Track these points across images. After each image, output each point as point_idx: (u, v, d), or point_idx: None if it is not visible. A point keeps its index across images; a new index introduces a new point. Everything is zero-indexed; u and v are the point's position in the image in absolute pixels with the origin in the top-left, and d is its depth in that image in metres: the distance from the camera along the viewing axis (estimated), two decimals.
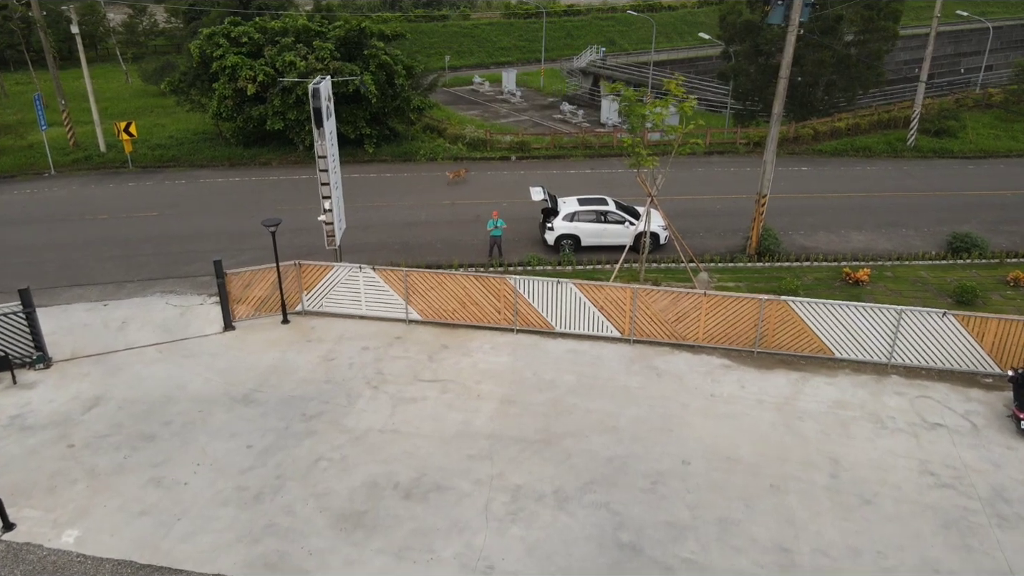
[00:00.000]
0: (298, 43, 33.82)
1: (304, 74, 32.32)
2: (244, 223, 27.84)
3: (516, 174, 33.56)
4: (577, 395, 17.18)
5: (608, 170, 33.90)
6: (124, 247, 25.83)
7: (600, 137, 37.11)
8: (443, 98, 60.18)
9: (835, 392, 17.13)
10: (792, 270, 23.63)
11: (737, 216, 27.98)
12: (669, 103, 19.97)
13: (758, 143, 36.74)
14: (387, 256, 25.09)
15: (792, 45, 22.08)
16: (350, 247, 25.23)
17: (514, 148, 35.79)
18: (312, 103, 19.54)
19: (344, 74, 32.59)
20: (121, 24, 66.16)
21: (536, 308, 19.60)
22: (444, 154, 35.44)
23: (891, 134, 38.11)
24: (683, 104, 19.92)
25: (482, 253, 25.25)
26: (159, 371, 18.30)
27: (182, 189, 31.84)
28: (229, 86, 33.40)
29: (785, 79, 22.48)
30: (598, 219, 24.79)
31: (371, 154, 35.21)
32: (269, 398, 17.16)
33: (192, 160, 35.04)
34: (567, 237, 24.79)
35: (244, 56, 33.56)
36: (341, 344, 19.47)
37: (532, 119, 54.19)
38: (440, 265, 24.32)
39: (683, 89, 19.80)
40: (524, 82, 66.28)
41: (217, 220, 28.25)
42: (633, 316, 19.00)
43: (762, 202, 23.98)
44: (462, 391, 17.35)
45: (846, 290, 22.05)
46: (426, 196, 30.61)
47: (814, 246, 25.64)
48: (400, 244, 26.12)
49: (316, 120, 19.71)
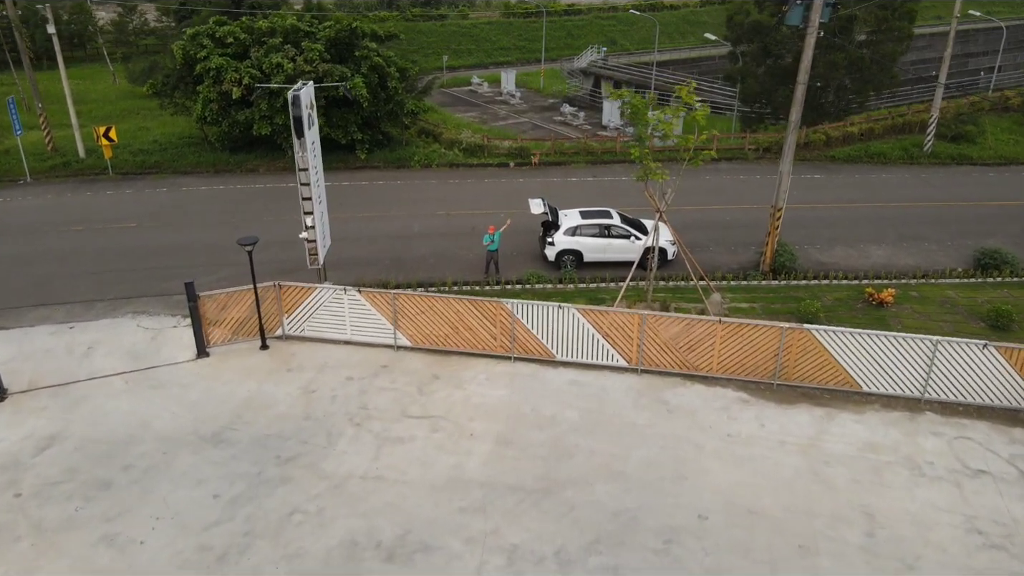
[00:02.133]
0: (286, 44, 32.23)
1: (292, 76, 30.71)
2: (226, 235, 26.21)
3: (514, 182, 31.98)
4: (580, 434, 15.62)
5: (611, 178, 32.32)
6: (97, 262, 24.25)
7: (603, 143, 35.53)
8: (441, 99, 58.65)
9: (865, 432, 15.56)
10: (810, 289, 22.05)
11: (749, 228, 26.41)
12: (680, 111, 18.39)
13: (767, 148, 35.20)
14: (377, 272, 23.54)
15: (811, 48, 20.50)
16: (337, 262, 23.67)
17: (513, 154, 34.20)
18: (292, 111, 17.97)
19: (334, 76, 31.01)
20: (110, 23, 64.52)
21: (535, 334, 18.03)
22: (439, 160, 33.86)
23: (906, 139, 36.53)
24: (695, 113, 18.35)
25: (478, 268, 23.68)
26: (124, 405, 16.73)
27: (163, 198, 30.25)
28: (214, 89, 31.82)
29: (803, 85, 20.91)
30: (602, 233, 23.21)
31: (363, 160, 33.63)
32: (241, 437, 15.59)
33: (175, 166, 33.45)
34: (569, 253, 23.21)
35: (229, 58, 31.97)
36: (323, 374, 17.90)
37: (532, 121, 52.66)
38: (433, 283, 22.77)
39: (695, 97, 18.22)
40: (524, 83, 64.71)
41: (198, 232, 26.67)
42: (641, 344, 17.43)
43: (777, 215, 22.41)
44: (454, 430, 15.78)
45: (869, 312, 20.48)
46: (420, 206, 29.04)
47: (832, 262, 24.07)
48: (391, 259, 24.54)
49: (296, 130, 18.13)
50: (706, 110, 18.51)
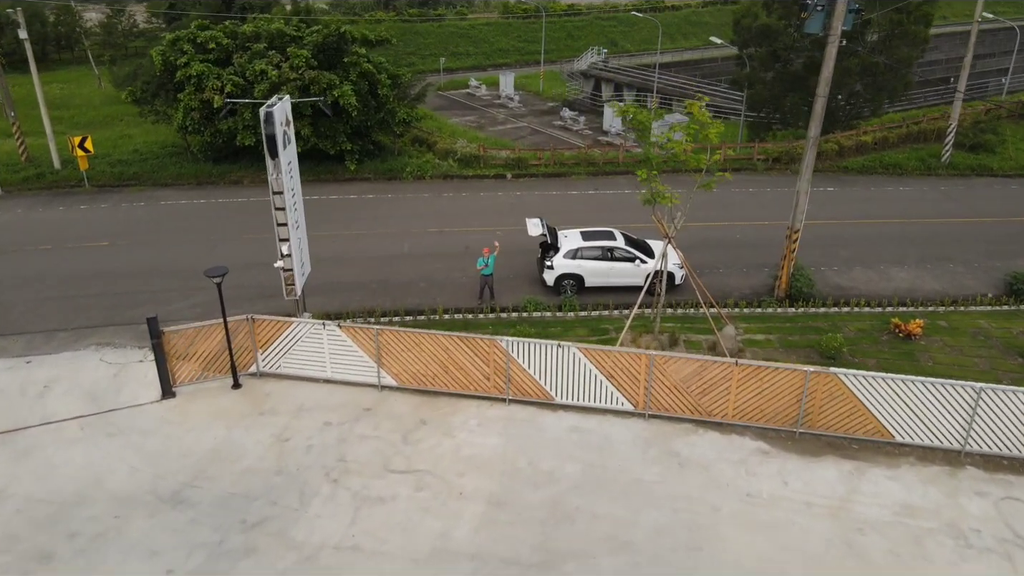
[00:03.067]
0: (271, 50, 30.56)
1: (276, 84, 29.06)
2: (204, 255, 24.61)
3: (511, 195, 30.32)
4: (582, 493, 14.00)
5: (614, 191, 30.66)
6: (64, 285, 22.60)
7: (605, 153, 33.87)
8: (438, 103, 57.00)
9: (900, 491, 13.93)
10: (829, 318, 20.41)
11: (760, 248, 24.76)
12: (691, 128, 16.74)
13: (777, 159, 33.54)
14: (362, 298, 21.90)
15: (832, 59, 18.85)
16: (321, 287, 22.05)
17: (510, 165, 32.54)
18: (264, 129, 16.32)
19: (321, 84, 29.33)
20: (98, 24, 62.78)
21: (532, 375, 16.40)
22: (433, 171, 32.19)
23: (922, 149, 34.86)
24: (708, 130, 16.70)
25: (471, 293, 22.05)
26: (77, 456, 15.10)
27: (140, 213, 28.58)
28: (195, 97, 30.15)
29: (824, 98, 19.26)
30: (604, 256, 21.57)
31: (353, 171, 31.97)
32: (204, 497, 13.96)
33: (155, 178, 31.77)
34: (569, 277, 21.56)
35: (211, 64, 30.30)
36: (300, 418, 16.27)
37: (531, 125, 51.11)
38: (423, 310, 21.14)
39: (708, 113, 16.58)
40: (523, 85, 63.08)
41: (174, 251, 25.01)
42: (649, 386, 15.80)
43: (793, 237, 20.78)
44: (441, 488, 14.15)
45: (896, 346, 18.83)
46: (411, 222, 27.39)
47: (851, 286, 22.42)
48: (378, 282, 22.89)
49: (270, 149, 16.49)
50: (720, 127, 16.87)
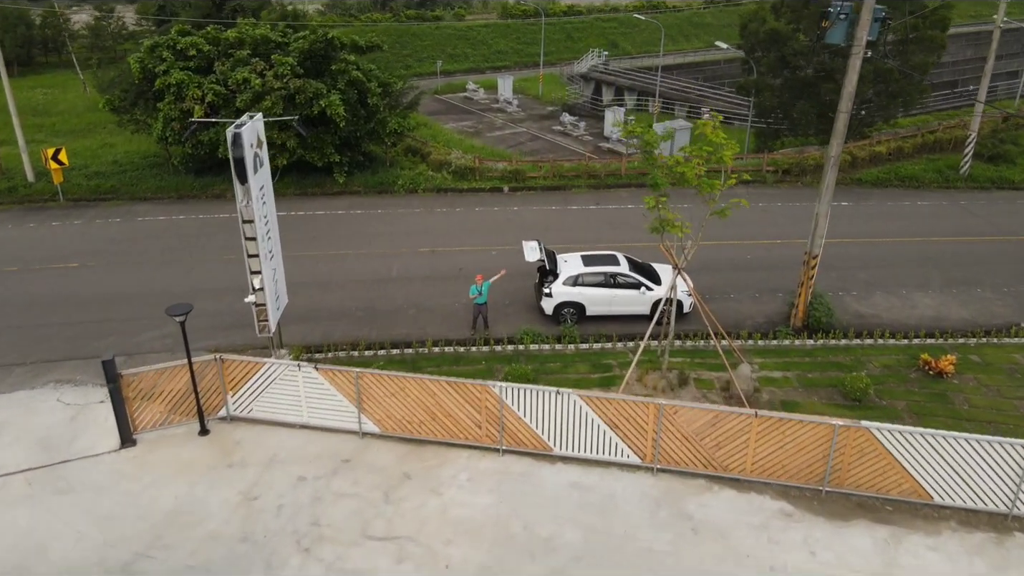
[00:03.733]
0: (255, 57, 28.99)
1: (260, 94, 27.48)
2: (180, 277, 23.10)
3: (508, 210, 28.75)
4: (584, 565, 12.44)
5: (616, 206, 29.08)
6: (26, 313, 21.05)
7: (606, 164, 32.29)
8: (434, 107, 55.49)
9: (944, 564, 12.37)
10: (852, 352, 18.84)
11: (773, 270, 23.20)
12: (704, 150, 15.16)
13: (787, 171, 31.98)
14: (347, 327, 20.34)
15: (856, 71, 17.27)
16: (303, 314, 20.52)
17: (507, 177, 30.96)
18: (232, 152, 14.76)
19: (308, 93, 27.76)
20: (85, 27, 61.17)
21: (528, 424, 14.83)
22: (426, 184, 30.62)
23: (939, 159, 33.29)
24: (723, 152, 15.14)
25: (464, 322, 20.49)
26: (21, 518, 13.54)
27: (115, 231, 27.00)
28: (175, 107, 28.60)
29: (846, 113, 17.68)
30: (607, 283, 20.00)
31: (342, 184, 30.40)
32: (158, 570, 12.40)
33: (134, 191, 30.20)
34: (568, 305, 19.99)
35: (192, 72, 28.74)
36: (271, 471, 14.71)
37: (530, 131, 49.63)
38: (410, 342, 19.58)
39: (723, 134, 15.02)
40: (521, 89, 61.52)
41: (148, 273, 23.44)
42: (658, 437, 14.24)
43: (812, 263, 19.21)
44: (425, 558, 12.59)
45: (926, 385, 17.26)
46: (401, 240, 25.82)
47: (873, 314, 20.84)
48: (364, 309, 21.33)
49: (238, 174, 14.92)
50: (735, 148, 15.30)
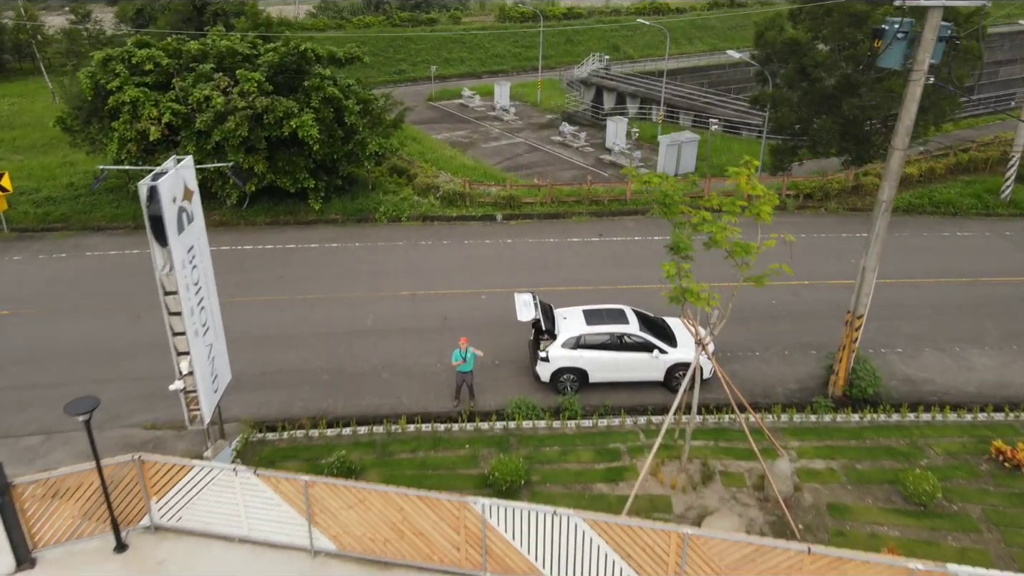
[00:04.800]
0: (220, 71, 26.02)
1: (223, 113, 24.52)
2: (124, 330, 20.16)
3: (501, 243, 25.76)
4: None
5: (622, 238, 26.12)
6: None
7: (610, 188, 29.31)
8: (428, 115, 52.69)
9: None
10: (905, 431, 15.85)
11: (803, 319, 20.27)
12: (735, 209, 12.20)
13: (810, 195, 29.02)
14: (309, 394, 17.40)
15: (916, 100, 14.30)
16: (256, 380, 17.67)
17: (500, 204, 27.98)
18: (147, 209, 11.82)
19: (277, 112, 24.80)
20: (60, 31, 58.14)
21: (518, 548, 11.89)
22: (411, 211, 27.65)
23: (976, 182, 30.29)
24: (759, 206, 12.19)
25: (445, 388, 17.55)
26: None
27: (57, 268, 24.04)
28: (131, 127, 25.64)
29: (901, 151, 14.71)
30: (613, 344, 17.03)
31: (317, 212, 27.44)
32: None
33: (87, 220, 27.23)
34: (568, 371, 17.03)
35: (149, 88, 25.78)
36: None
37: (528, 141, 46.89)
38: (382, 414, 16.67)
39: (760, 186, 12.07)
40: (519, 95, 58.64)
41: (89, 324, 20.49)
42: (682, 570, 11.28)
43: (856, 325, 16.25)
44: None
45: (1003, 481, 14.28)
46: (380, 281, 22.86)
47: (925, 378, 17.87)
48: (331, 371, 18.37)
49: (156, 235, 11.99)
50: (775, 200, 12.36)
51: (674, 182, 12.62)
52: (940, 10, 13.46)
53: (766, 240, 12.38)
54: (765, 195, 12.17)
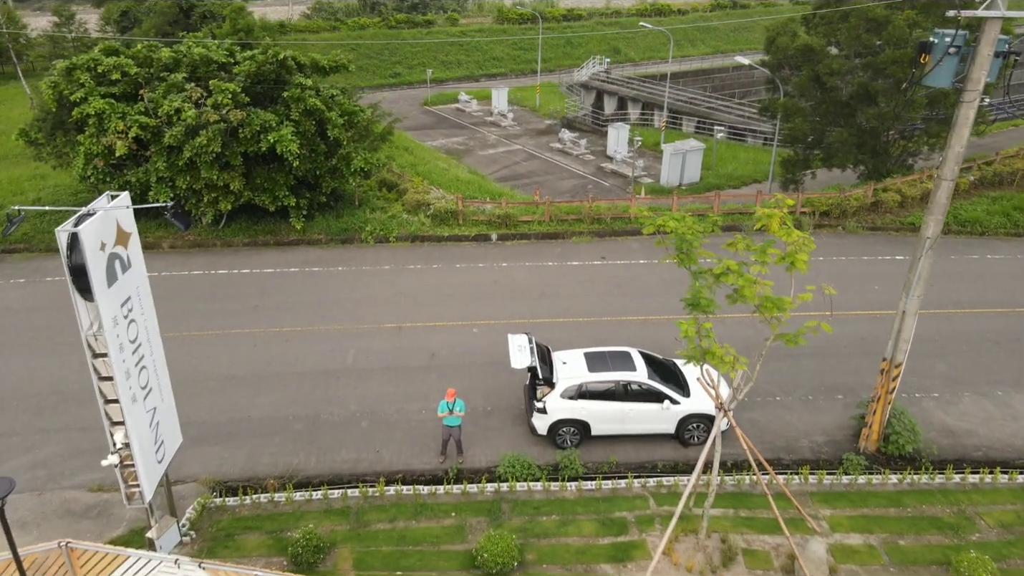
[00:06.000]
0: (192, 81, 24.14)
1: (194, 127, 22.65)
2: (78, 369, 18.20)
3: (496, 267, 23.89)
4: None
5: (626, 260, 24.23)
6: None
7: (613, 205, 27.41)
8: (423, 120, 50.98)
9: None
10: (951, 497, 13.97)
11: (827, 357, 18.41)
12: (766, 257, 10.35)
13: (827, 212, 27.16)
14: (278, 449, 15.52)
15: (969, 125, 12.43)
16: (221, 429, 15.85)
17: (495, 223, 26.11)
18: (68, 259, 9.93)
19: (253, 126, 22.94)
20: (42, 33, 56.24)
21: None
22: (399, 231, 25.77)
23: (1002, 198, 28.38)
24: (796, 255, 10.34)
25: (431, 440, 15.68)
26: None
27: (12, 298, 22.14)
28: (98, 141, 23.76)
29: (950, 181, 12.85)
30: (618, 393, 15.17)
31: (299, 232, 25.57)
32: None
33: (51, 241, 25.29)
34: (568, 424, 15.16)
35: (115, 99, 23.90)
36: None
37: (526, 148, 45.19)
38: (359, 471, 14.84)
39: (796, 232, 10.22)
40: (517, 99, 56.91)
41: (39, 363, 18.61)
42: None
43: (894, 374, 14.39)
44: None
45: None
46: (362, 311, 20.99)
47: (966, 429, 15.98)
48: (304, 419, 16.49)
49: (79, 288, 10.11)
50: (812, 246, 10.50)
51: (692, 223, 10.76)
52: (999, 22, 11.61)
53: (801, 294, 10.51)
54: (802, 241, 10.31)
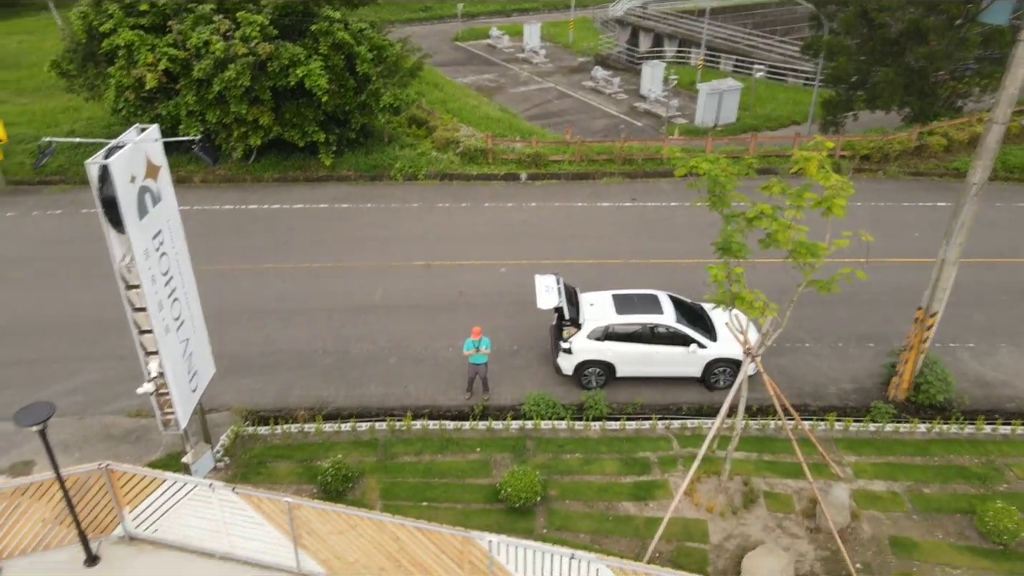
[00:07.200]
0: (221, 12, 23.80)
1: (223, 60, 22.44)
2: (116, 300, 18.61)
3: (525, 207, 23.67)
4: None
5: (657, 203, 23.82)
6: None
7: (645, 146, 26.80)
8: (453, 56, 49.98)
9: None
10: (980, 448, 13.83)
11: (860, 304, 18.07)
12: (800, 200, 10.06)
13: (867, 156, 26.30)
14: (308, 382, 15.85)
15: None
16: (253, 361, 16.21)
17: (524, 161, 25.74)
18: (100, 192, 10.03)
19: (282, 60, 22.67)
20: None
21: None
22: (428, 168, 25.57)
23: None
24: (833, 200, 10.03)
25: (458, 376, 15.88)
26: None
27: (51, 227, 22.58)
28: (128, 73, 23.71)
29: (1002, 124, 12.28)
30: (645, 336, 15.13)
31: (328, 168, 25.51)
32: None
33: (85, 173, 25.56)
34: (594, 365, 15.21)
35: (144, 31, 23.71)
36: None
37: (558, 86, 44.20)
38: (387, 406, 15.12)
39: (835, 176, 9.89)
40: (550, 35, 55.39)
41: (79, 292, 19.03)
42: None
43: (929, 324, 14.11)
44: None
45: None
46: (391, 249, 21.05)
47: (1001, 380, 15.71)
48: (334, 354, 16.76)
49: (111, 220, 10.23)
50: (850, 191, 10.17)
51: (726, 165, 10.46)
52: None
53: (836, 240, 10.25)
54: (840, 185, 9.98)
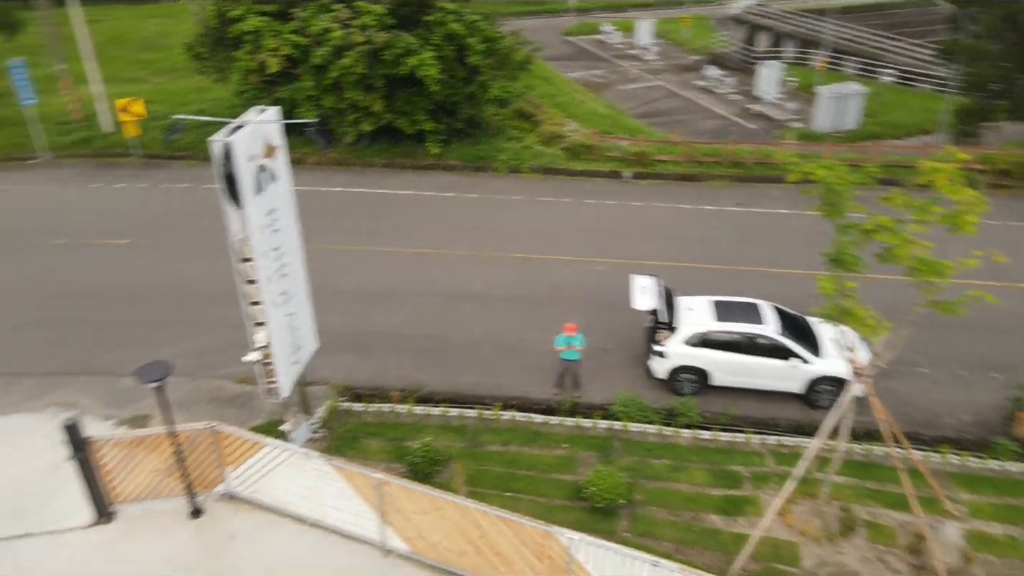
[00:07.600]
0: (341, 2, 24.65)
1: (340, 48, 23.27)
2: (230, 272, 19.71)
3: (627, 206, 23.31)
4: None
5: (766, 209, 22.94)
6: (54, 304, 18.42)
7: (757, 149, 25.83)
8: (563, 51, 49.91)
9: None
10: None
11: (987, 331, 16.74)
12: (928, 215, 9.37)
13: (1006, 172, 24.33)
14: (404, 365, 16.24)
15: None
16: (353, 340, 16.74)
17: (629, 160, 25.35)
18: (221, 168, 10.60)
19: (396, 49, 23.26)
20: None
21: None
22: (532, 162, 25.62)
23: None
24: (962, 217, 9.31)
25: (550, 370, 15.82)
26: None
27: (177, 199, 24.12)
28: (253, 58, 24.99)
29: None
30: (744, 345, 14.59)
31: (435, 157, 26.02)
32: None
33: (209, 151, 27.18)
34: (688, 371, 14.81)
35: (271, 18, 24.90)
36: None
37: (667, 84, 43.30)
38: (479, 394, 15.27)
39: (967, 191, 9.17)
40: (664, 33, 54.31)
41: (200, 260, 20.23)
42: None
43: None
44: None
45: None
46: (492, 239, 21.23)
47: None
48: (431, 339, 17.09)
49: (230, 196, 10.78)
50: (983, 206, 9.41)
51: (844, 173, 9.87)
52: None
53: (965, 259, 9.50)
54: (972, 200, 9.24)
